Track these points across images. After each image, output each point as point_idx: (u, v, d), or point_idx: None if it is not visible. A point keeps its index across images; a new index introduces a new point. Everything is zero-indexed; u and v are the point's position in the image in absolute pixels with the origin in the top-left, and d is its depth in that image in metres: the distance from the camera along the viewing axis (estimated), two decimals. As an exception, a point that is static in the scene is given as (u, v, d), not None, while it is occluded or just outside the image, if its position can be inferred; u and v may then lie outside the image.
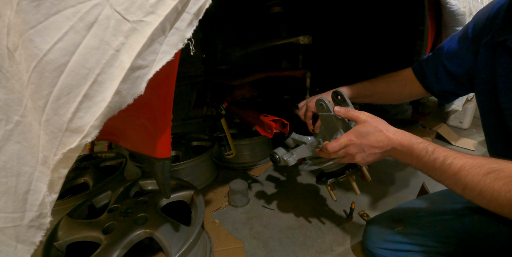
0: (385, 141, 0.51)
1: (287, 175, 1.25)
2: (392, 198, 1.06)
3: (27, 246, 0.33)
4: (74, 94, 0.30)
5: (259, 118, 0.91)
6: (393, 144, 0.50)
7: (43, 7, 0.28)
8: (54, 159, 0.32)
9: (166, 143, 0.48)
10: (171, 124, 0.47)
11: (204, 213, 0.69)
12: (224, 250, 0.80)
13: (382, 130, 0.51)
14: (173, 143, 1.21)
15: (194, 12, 0.34)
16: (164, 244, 0.60)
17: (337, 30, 1.15)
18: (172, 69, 0.41)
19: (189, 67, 0.93)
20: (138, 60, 0.31)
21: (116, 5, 0.30)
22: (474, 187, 0.40)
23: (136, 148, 0.53)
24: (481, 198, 0.39)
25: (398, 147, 0.50)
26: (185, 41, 0.35)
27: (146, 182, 0.88)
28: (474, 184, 0.40)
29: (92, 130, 0.31)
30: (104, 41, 0.30)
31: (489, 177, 0.38)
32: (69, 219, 0.69)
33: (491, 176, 0.38)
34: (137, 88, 0.32)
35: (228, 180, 1.18)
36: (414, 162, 0.48)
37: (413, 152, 0.48)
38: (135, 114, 0.44)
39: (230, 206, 1.03)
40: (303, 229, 0.89)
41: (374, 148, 0.52)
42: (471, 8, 0.88)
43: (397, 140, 0.50)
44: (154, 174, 0.53)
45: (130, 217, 0.67)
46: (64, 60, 0.29)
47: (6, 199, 0.30)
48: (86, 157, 1.23)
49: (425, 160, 0.46)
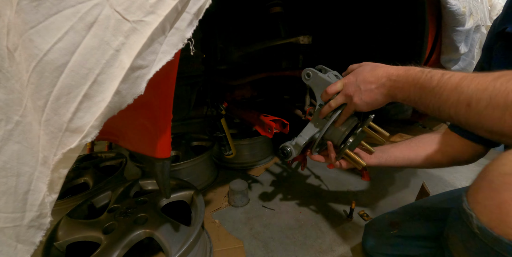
0: (380, 72, 0.47)
1: (287, 175, 1.25)
2: (392, 198, 1.06)
3: (27, 246, 0.33)
4: (74, 94, 0.30)
5: (259, 118, 0.91)
6: (388, 75, 0.46)
7: (43, 7, 0.28)
8: (54, 159, 0.32)
9: (166, 143, 0.48)
10: (171, 124, 0.47)
11: (204, 213, 0.69)
12: (224, 250, 0.80)
13: (378, 65, 0.49)
14: (173, 143, 1.21)
15: (194, 12, 0.34)
16: (164, 244, 0.60)
17: (338, 30, 1.15)
18: (172, 69, 0.41)
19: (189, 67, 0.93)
20: (138, 60, 0.31)
21: (116, 5, 0.30)
22: (481, 96, 0.32)
23: (136, 148, 0.53)
24: (491, 109, 0.31)
25: (394, 77, 0.45)
26: (185, 41, 0.35)
27: (146, 182, 0.88)
28: (480, 92, 0.32)
29: (92, 130, 0.31)
30: (104, 41, 0.30)
31: (499, 81, 0.31)
32: (69, 219, 0.69)
33: (501, 80, 0.31)
34: (137, 88, 0.32)
35: (228, 180, 1.18)
36: (412, 88, 0.42)
37: (409, 77, 0.43)
38: (135, 114, 0.44)
39: (230, 206, 1.03)
40: (303, 229, 0.89)
41: (369, 83, 0.48)
42: (471, 8, 0.88)
43: (392, 70, 0.46)
44: (154, 174, 0.53)
45: (130, 217, 0.67)
46: (64, 60, 0.29)
47: (6, 199, 0.30)
48: (86, 157, 1.23)
49: (421, 81, 0.41)
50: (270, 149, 1.41)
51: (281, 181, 1.21)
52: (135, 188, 0.84)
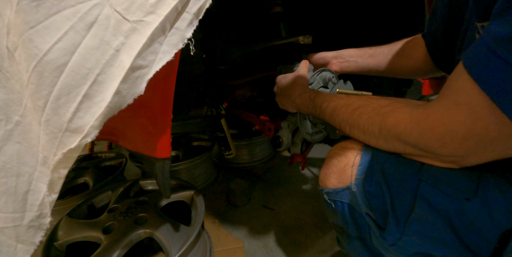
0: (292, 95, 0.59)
1: (287, 175, 1.25)
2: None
3: (27, 246, 0.33)
4: (74, 94, 0.30)
5: (259, 118, 0.91)
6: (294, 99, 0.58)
7: (43, 7, 0.27)
8: (54, 159, 0.32)
9: (166, 143, 0.48)
10: (171, 124, 0.47)
11: (204, 213, 0.69)
12: (224, 250, 0.80)
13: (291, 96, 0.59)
14: (173, 143, 1.21)
15: (194, 12, 0.34)
16: (164, 244, 0.60)
17: (338, 30, 1.15)
18: (172, 69, 0.41)
19: (189, 67, 0.93)
20: (138, 60, 0.31)
21: (116, 5, 0.30)
22: (345, 125, 0.44)
23: (136, 148, 0.53)
24: (353, 133, 0.43)
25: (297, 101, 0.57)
26: (185, 41, 0.35)
27: (146, 182, 0.87)
28: (345, 122, 0.44)
29: (92, 130, 0.31)
30: (104, 41, 0.30)
31: (355, 113, 0.42)
32: (69, 219, 0.69)
33: (357, 112, 0.42)
34: (137, 88, 0.32)
35: (228, 180, 1.18)
36: (309, 110, 0.54)
37: (302, 103, 0.55)
38: (135, 114, 0.44)
39: (230, 206, 1.03)
40: (303, 229, 0.89)
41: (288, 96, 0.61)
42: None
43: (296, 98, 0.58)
44: (154, 174, 0.53)
45: (130, 217, 0.67)
46: (64, 60, 0.29)
47: (6, 199, 0.30)
48: (86, 157, 1.23)
49: (310, 107, 0.53)
50: (270, 149, 1.41)
51: (281, 181, 1.21)
52: (135, 188, 0.84)
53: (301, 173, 1.26)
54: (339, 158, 0.44)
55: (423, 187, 0.35)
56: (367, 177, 0.40)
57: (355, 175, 0.41)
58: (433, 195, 0.34)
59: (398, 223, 0.36)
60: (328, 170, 0.45)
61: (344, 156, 0.43)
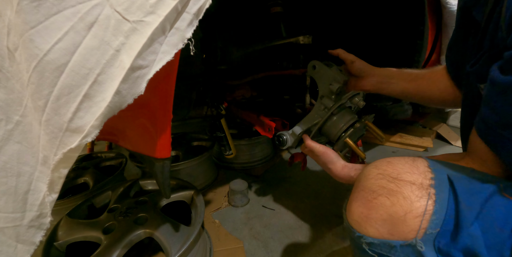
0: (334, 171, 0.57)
1: (287, 175, 1.25)
2: (392, 198, 1.05)
3: (27, 246, 0.33)
4: (74, 94, 0.30)
5: (259, 118, 0.91)
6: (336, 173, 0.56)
7: (43, 7, 0.28)
8: (54, 159, 0.32)
9: (166, 143, 0.48)
10: (171, 124, 0.47)
11: (204, 213, 0.69)
12: (224, 250, 0.80)
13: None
14: (173, 143, 1.20)
15: (194, 12, 0.34)
16: (164, 244, 0.60)
17: (338, 30, 1.15)
18: (172, 69, 0.41)
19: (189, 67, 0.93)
20: (138, 60, 0.31)
21: (116, 5, 0.30)
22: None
23: (136, 148, 0.53)
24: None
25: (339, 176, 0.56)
26: (185, 41, 0.35)
27: (146, 182, 0.88)
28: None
29: (92, 130, 0.31)
30: (104, 41, 0.30)
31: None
32: (69, 219, 0.69)
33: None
34: (137, 88, 0.32)
35: (228, 180, 1.18)
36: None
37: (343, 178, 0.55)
38: (135, 114, 0.44)
39: (230, 206, 1.03)
40: (303, 229, 0.89)
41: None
42: (471, 8, 0.88)
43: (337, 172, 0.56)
44: (154, 174, 0.54)
45: (130, 217, 0.67)
46: (64, 60, 0.29)
47: (6, 199, 0.30)
48: (86, 157, 1.23)
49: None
50: (270, 149, 1.41)
51: (281, 181, 1.20)
52: (135, 188, 0.84)
53: (301, 173, 1.26)
54: (392, 198, 0.30)
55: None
56: (445, 232, 0.28)
57: (425, 229, 0.29)
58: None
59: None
60: (371, 211, 0.32)
61: (401, 196, 0.30)
